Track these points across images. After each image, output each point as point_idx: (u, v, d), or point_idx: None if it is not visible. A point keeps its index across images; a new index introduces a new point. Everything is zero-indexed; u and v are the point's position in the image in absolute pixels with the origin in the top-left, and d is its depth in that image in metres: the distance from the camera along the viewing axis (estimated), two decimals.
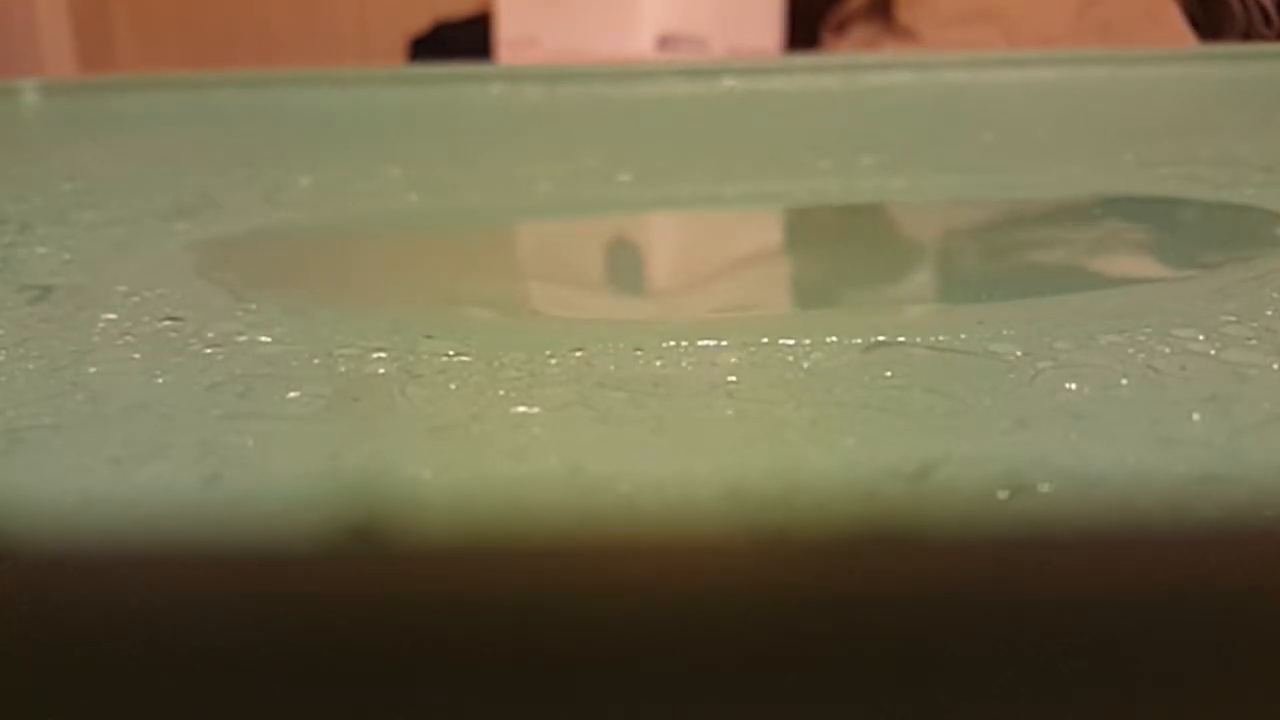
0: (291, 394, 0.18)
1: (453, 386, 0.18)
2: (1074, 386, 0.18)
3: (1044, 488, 0.14)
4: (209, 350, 0.20)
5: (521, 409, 0.18)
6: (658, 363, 0.19)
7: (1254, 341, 0.19)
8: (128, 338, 0.21)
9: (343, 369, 0.19)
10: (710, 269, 0.29)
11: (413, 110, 0.50)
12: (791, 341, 0.20)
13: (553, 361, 0.19)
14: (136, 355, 0.20)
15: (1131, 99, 0.50)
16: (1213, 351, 0.19)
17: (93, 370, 0.20)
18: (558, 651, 0.13)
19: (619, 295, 0.27)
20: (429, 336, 0.20)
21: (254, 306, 0.23)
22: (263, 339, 0.21)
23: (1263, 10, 0.77)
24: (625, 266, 0.29)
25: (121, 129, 0.48)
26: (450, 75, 0.53)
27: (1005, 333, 0.20)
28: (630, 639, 0.13)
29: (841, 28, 0.86)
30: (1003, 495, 0.14)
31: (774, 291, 0.27)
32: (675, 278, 0.29)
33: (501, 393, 0.18)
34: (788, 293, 0.27)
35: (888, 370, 0.19)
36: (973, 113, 0.47)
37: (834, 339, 0.20)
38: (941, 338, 0.20)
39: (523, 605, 0.13)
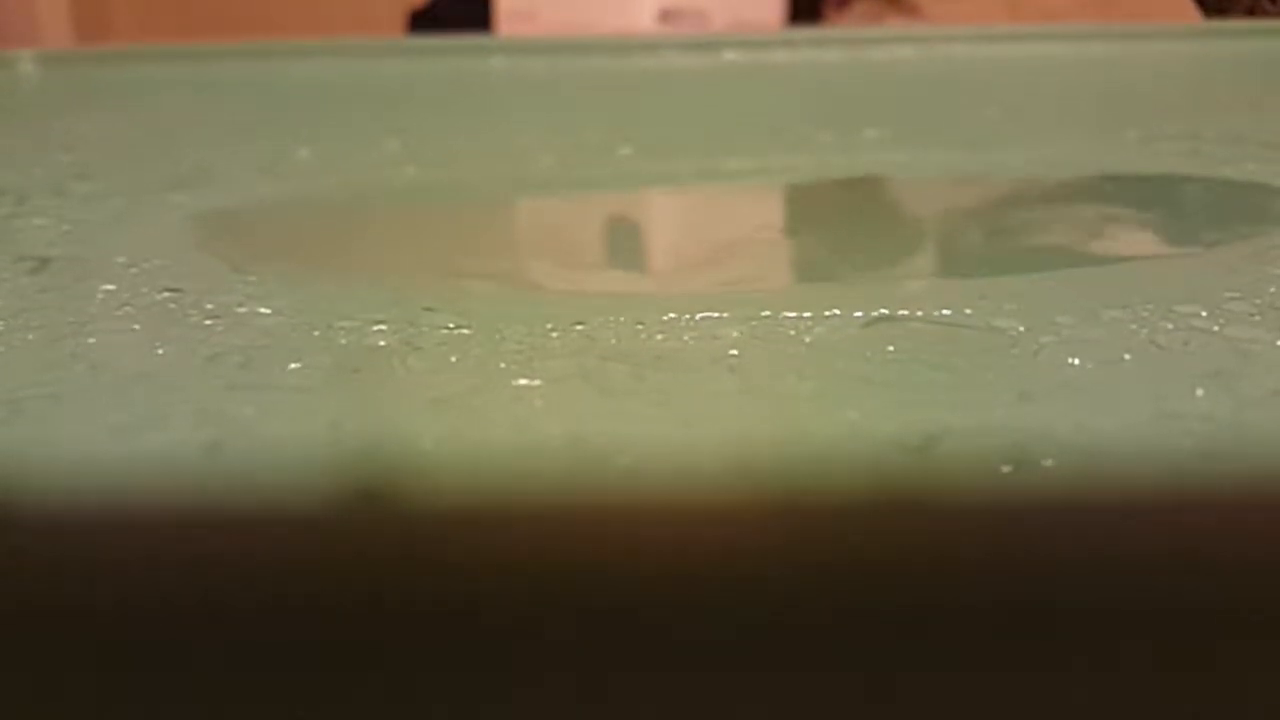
0: (292, 365, 0.18)
1: (453, 359, 0.18)
2: (1077, 361, 0.18)
3: (1047, 462, 0.14)
4: (208, 321, 0.20)
5: (522, 381, 0.18)
6: (659, 336, 0.19)
7: (1257, 317, 0.19)
8: (127, 308, 0.21)
9: (343, 341, 0.19)
10: (712, 243, 0.29)
11: (412, 82, 0.49)
12: (793, 315, 0.20)
13: (554, 335, 0.19)
14: (136, 326, 0.20)
15: (1135, 75, 0.49)
16: (1216, 327, 0.19)
17: (92, 341, 0.20)
18: (558, 622, 0.13)
19: (620, 269, 0.27)
20: (429, 309, 0.20)
21: (253, 278, 0.23)
22: (262, 310, 0.21)
23: None
24: (626, 240, 0.29)
25: (119, 100, 0.47)
26: (450, 47, 0.53)
27: (1008, 307, 0.20)
28: (632, 610, 0.13)
29: (844, 2, 0.85)
30: (1005, 469, 0.14)
31: (776, 266, 0.27)
32: (677, 252, 0.29)
33: (502, 365, 0.18)
34: (789, 267, 0.27)
35: (890, 344, 0.18)
36: (976, 88, 0.47)
37: (836, 313, 0.20)
38: (944, 312, 0.20)
39: (523, 576, 0.13)
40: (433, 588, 0.13)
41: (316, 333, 0.20)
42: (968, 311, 0.20)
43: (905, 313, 0.20)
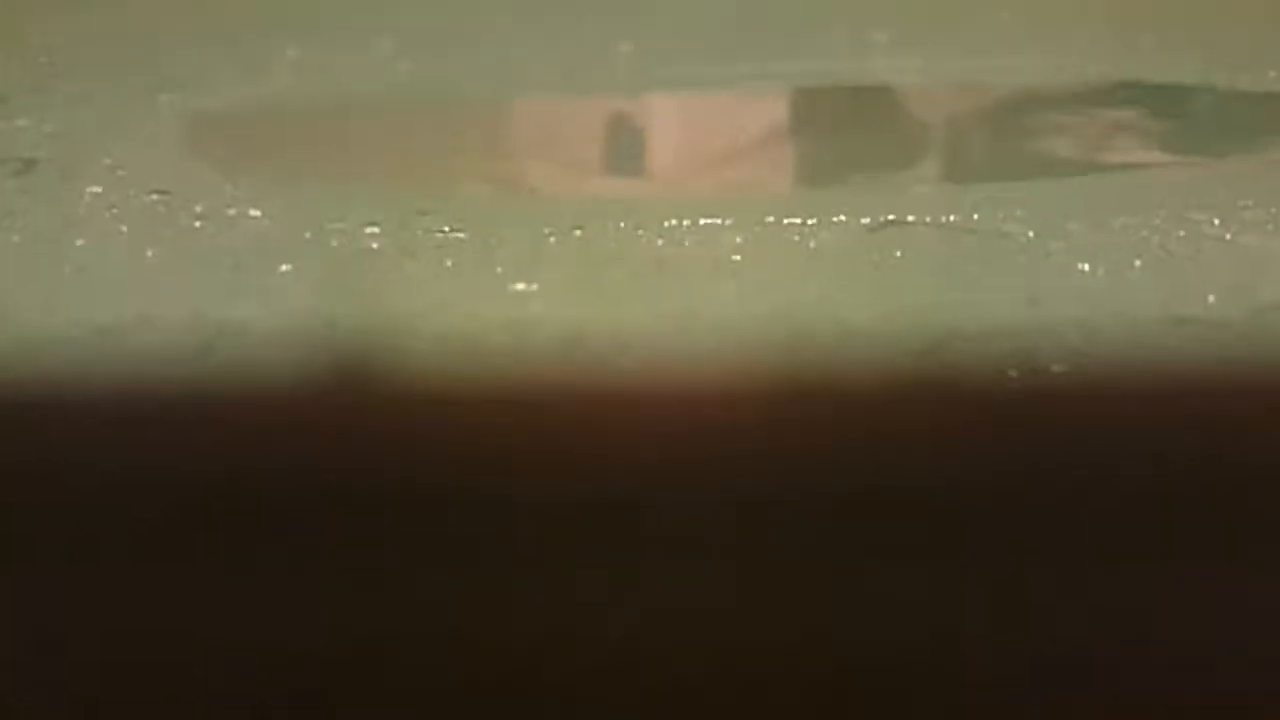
0: (283, 267, 0.18)
1: (449, 263, 0.18)
2: (1086, 267, 0.17)
3: (1056, 367, 0.14)
4: (198, 224, 0.20)
5: (520, 286, 0.17)
6: (659, 241, 0.19)
7: (1270, 227, 0.19)
8: (114, 210, 0.21)
9: (335, 244, 0.19)
10: (713, 147, 0.28)
11: None
12: (797, 220, 0.19)
13: (551, 239, 0.19)
14: (124, 228, 0.20)
15: None
16: (1228, 236, 0.19)
17: (80, 243, 0.19)
18: (557, 514, 0.12)
19: (620, 173, 0.26)
20: (423, 212, 0.20)
21: (243, 180, 0.22)
22: (253, 213, 0.20)
23: None
24: (626, 144, 0.29)
25: None
26: None
27: (1017, 213, 0.19)
28: (631, 504, 0.13)
29: None
30: (1013, 374, 0.14)
31: (780, 171, 0.27)
32: (678, 156, 0.28)
33: (499, 270, 0.18)
34: (794, 172, 0.27)
35: (897, 249, 0.18)
36: None
37: (841, 218, 0.19)
38: (952, 218, 0.19)
39: (522, 477, 0.13)
40: (431, 490, 0.13)
41: (308, 235, 0.19)
42: (976, 217, 0.19)
43: (912, 218, 0.19)
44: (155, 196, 0.22)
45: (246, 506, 0.13)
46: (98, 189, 0.22)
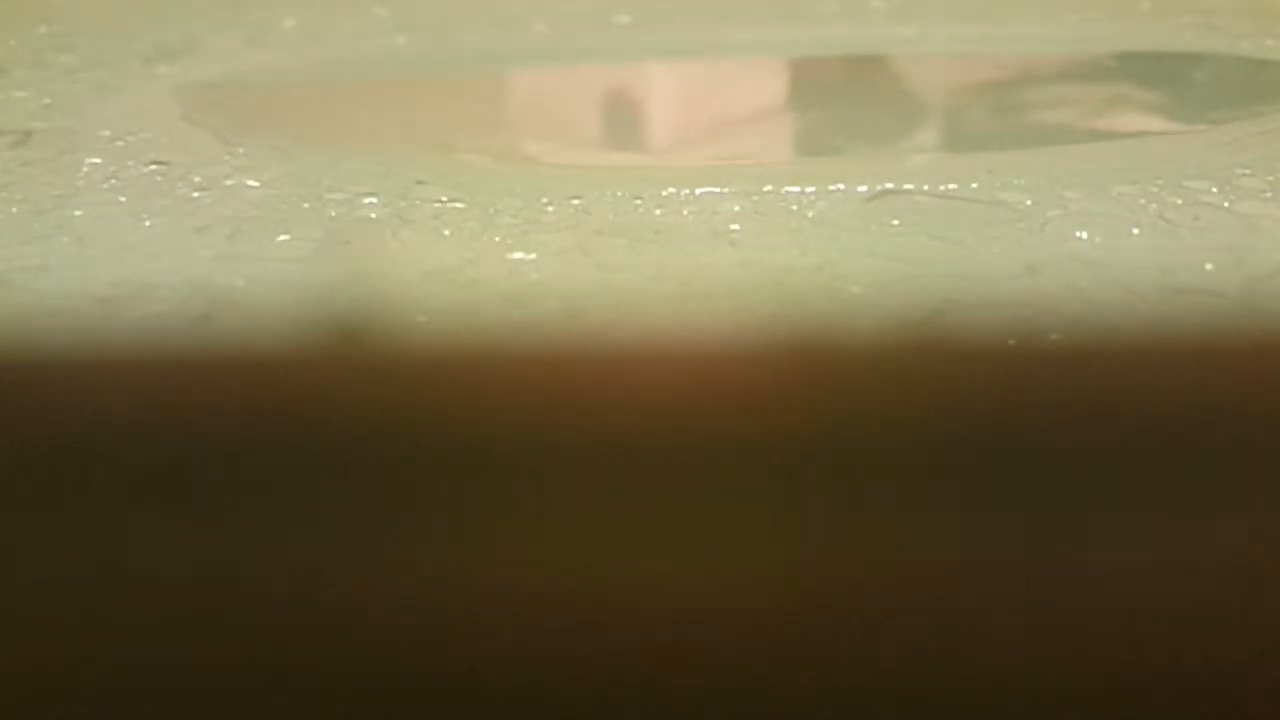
0: (281, 237, 0.18)
1: (447, 232, 0.18)
2: (1084, 235, 0.17)
3: (1054, 335, 0.14)
4: (196, 194, 0.20)
5: (518, 255, 0.17)
6: (658, 211, 0.19)
7: (1268, 194, 0.19)
8: (113, 181, 0.21)
9: (333, 213, 0.19)
10: (712, 117, 0.28)
11: None
12: (795, 189, 0.19)
13: (550, 209, 0.19)
14: (122, 198, 0.20)
15: None
16: (1226, 203, 0.19)
17: (78, 213, 0.19)
18: (553, 490, 0.13)
19: (618, 143, 0.26)
20: (421, 182, 0.20)
21: (241, 150, 0.22)
22: (251, 183, 0.20)
23: None
24: (624, 113, 0.29)
25: None
26: None
27: (1015, 182, 0.19)
28: (625, 480, 0.13)
29: None
30: (1011, 343, 0.14)
31: (778, 140, 0.26)
32: (676, 126, 0.28)
33: (497, 239, 0.18)
34: (792, 141, 0.27)
35: (894, 218, 0.18)
36: None
37: (840, 187, 0.19)
38: (950, 186, 0.19)
39: (518, 451, 0.13)
40: (430, 458, 0.13)
41: (306, 205, 0.19)
42: (974, 185, 0.19)
43: (910, 186, 0.19)
44: (154, 167, 0.22)
45: (244, 476, 0.13)
46: (96, 160, 0.22)
